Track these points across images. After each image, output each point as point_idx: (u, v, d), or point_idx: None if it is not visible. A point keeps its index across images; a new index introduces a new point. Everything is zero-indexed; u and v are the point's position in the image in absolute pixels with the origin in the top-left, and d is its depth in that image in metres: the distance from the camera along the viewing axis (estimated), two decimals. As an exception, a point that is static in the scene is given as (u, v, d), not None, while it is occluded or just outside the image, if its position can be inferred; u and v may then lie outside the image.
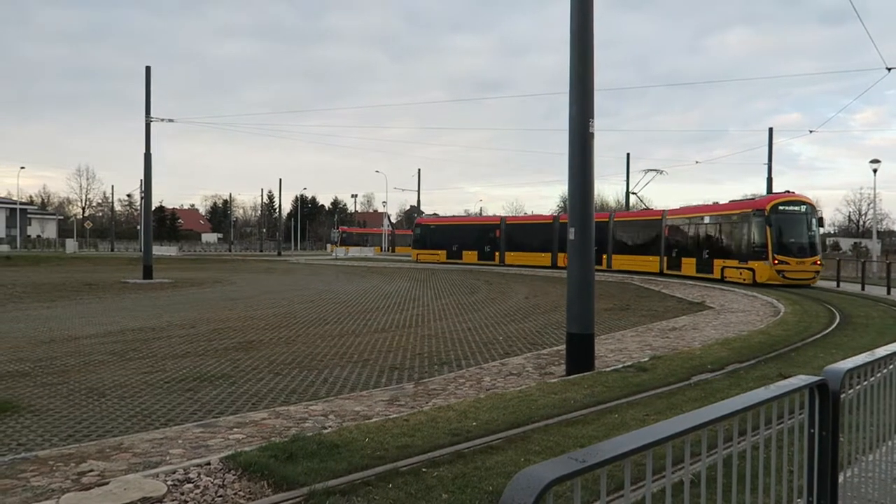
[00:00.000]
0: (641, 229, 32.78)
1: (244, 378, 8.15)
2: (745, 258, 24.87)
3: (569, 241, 8.46)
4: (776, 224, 23.90)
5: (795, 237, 24.15)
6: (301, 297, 19.99)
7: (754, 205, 25.02)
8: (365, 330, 12.74)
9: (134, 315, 14.91)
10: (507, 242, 41.01)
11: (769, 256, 23.77)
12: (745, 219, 25.01)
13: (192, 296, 20.31)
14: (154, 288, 23.13)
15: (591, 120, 8.22)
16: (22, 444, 5.50)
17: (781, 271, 23.63)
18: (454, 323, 13.96)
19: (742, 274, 24.72)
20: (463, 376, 8.10)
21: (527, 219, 44.63)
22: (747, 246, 24.84)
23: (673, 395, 6.53)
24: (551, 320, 14.46)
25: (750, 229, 24.73)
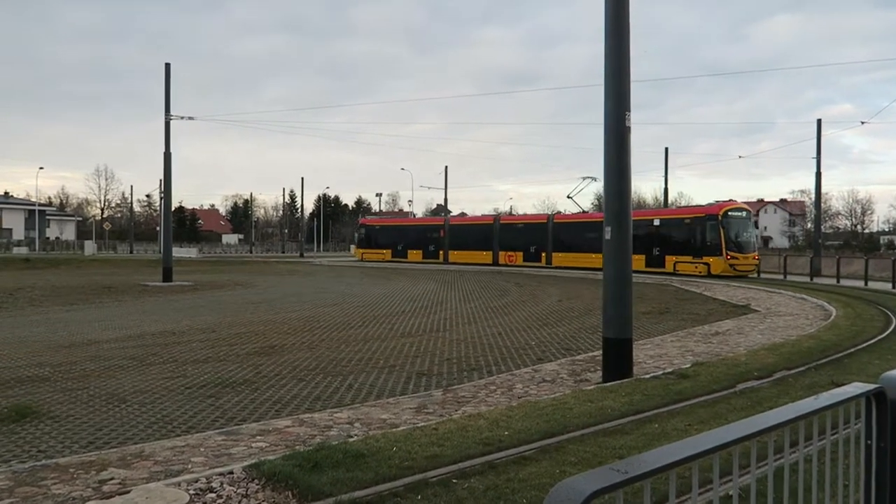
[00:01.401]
0: (585, 230, 37.82)
1: (267, 384, 8.25)
2: (699, 254, 31.74)
3: (604, 241, 8.41)
4: (727, 227, 30.89)
5: (742, 237, 31.36)
6: (324, 300, 20.14)
7: (707, 211, 32.25)
8: (390, 334, 12.79)
9: (154, 319, 15.16)
10: (451, 242, 45.43)
11: (723, 252, 30.69)
12: (699, 222, 31.96)
13: (213, 299, 20.60)
14: (174, 291, 23.51)
15: (627, 113, 8.16)
16: (42, 451, 5.63)
17: (733, 265, 30.53)
18: (484, 327, 13.96)
19: (697, 268, 31.55)
20: (494, 383, 8.09)
21: (470, 220, 50.14)
22: (702, 244, 31.67)
23: (717, 403, 6.44)
24: (586, 324, 14.38)
25: (704, 231, 31.61)
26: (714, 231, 31.35)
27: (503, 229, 43.71)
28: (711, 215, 31.66)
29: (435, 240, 46.68)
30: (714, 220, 31.44)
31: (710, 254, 31.28)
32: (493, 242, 43.48)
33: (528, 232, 42.40)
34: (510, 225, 44.38)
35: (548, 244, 40.41)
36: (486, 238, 43.88)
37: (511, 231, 43.49)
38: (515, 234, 43.10)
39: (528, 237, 41.98)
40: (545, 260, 40.11)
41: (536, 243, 41.35)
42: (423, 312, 16.80)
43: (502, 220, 45.58)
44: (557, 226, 40.40)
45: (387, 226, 51.79)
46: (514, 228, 43.65)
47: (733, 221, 31.45)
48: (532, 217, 47.18)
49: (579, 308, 17.98)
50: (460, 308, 18.00)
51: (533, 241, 41.64)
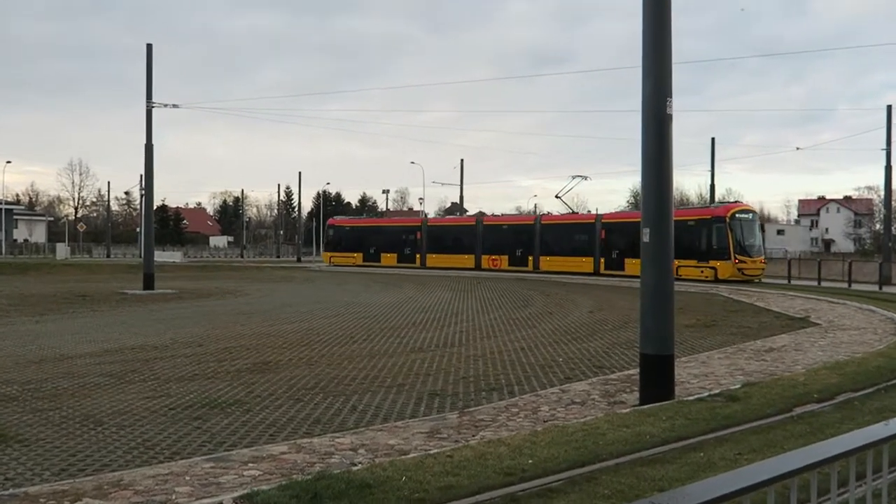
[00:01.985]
0: (575, 232, 41.01)
1: (260, 405, 8.29)
2: (705, 258, 33.81)
3: (642, 245, 8.39)
4: (735, 229, 33.25)
5: (750, 240, 33.86)
6: (325, 310, 20.23)
7: (714, 212, 34.63)
8: (399, 349, 12.83)
9: (134, 331, 15.29)
10: (429, 245, 47.38)
11: (731, 256, 32.97)
12: (705, 224, 34.05)
13: (200, 309, 20.74)
14: (156, 300, 23.69)
15: (668, 99, 8.13)
16: (10, 479, 5.69)
17: (741, 269, 33.00)
18: (505, 341, 13.97)
19: (704, 272, 33.58)
20: (516, 405, 8.08)
21: (450, 221, 53.60)
22: (708, 247, 33.88)
23: (771, 429, 6.41)
24: (621, 339, 14.35)
25: (711, 233, 33.83)
26: (721, 234, 33.53)
27: (486, 231, 45.54)
28: (718, 217, 33.85)
29: (411, 242, 48.55)
30: (721, 223, 33.60)
31: (718, 258, 33.47)
32: (475, 245, 45.45)
33: (513, 234, 44.29)
34: (494, 226, 46.13)
35: (535, 247, 42.39)
36: (467, 240, 45.94)
37: (495, 233, 45.27)
38: (500, 236, 44.91)
39: (514, 240, 43.85)
40: (532, 264, 42.15)
41: (523, 246, 43.25)
42: (436, 325, 16.84)
43: (485, 220, 47.58)
44: (545, 227, 42.45)
45: (358, 226, 53.26)
46: (499, 230, 45.40)
47: (741, 223, 33.71)
48: (517, 218, 49.94)
49: (613, 320, 17.93)
50: (478, 320, 18.02)
51: (519, 244, 43.51)
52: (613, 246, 39.28)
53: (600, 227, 40.24)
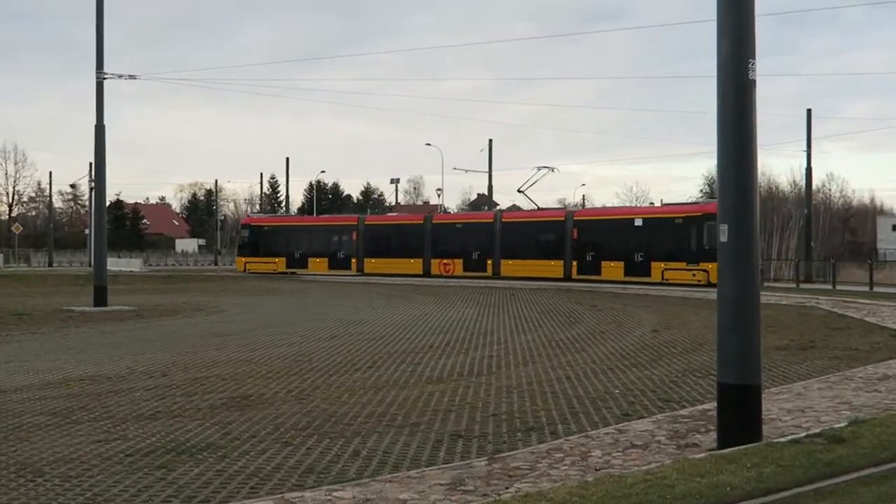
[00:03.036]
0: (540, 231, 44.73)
1: (239, 450, 8.32)
2: (695, 260, 37.34)
3: (719, 246, 8.33)
4: None
5: None
6: (319, 330, 20.29)
7: (704, 209, 38.04)
8: (413, 380, 12.83)
9: (82, 358, 15.40)
10: (368, 247, 50.87)
11: None
12: (695, 222, 37.94)
13: (164, 330, 20.87)
14: (110, 319, 23.87)
15: (750, 61, 8.08)
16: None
17: None
18: (546, 368, 13.93)
19: (696, 276, 37.15)
20: (560, 449, 8.05)
21: (392, 219, 57.14)
22: (698, 248, 37.52)
23: (886, 480, 6.33)
24: (692, 364, 14.27)
25: (702, 232, 37.38)
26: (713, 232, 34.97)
27: (437, 231, 49.05)
28: (709, 214, 36.31)
29: (346, 244, 52.15)
30: (713, 220, 35.98)
31: (710, 259, 35.23)
32: (423, 247, 48.55)
33: (469, 234, 47.70)
34: (446, 225, 50.07)
35: (495, 249, 45.83)
36: (414, 242, 49.05)
37: (447, 233, 48.87)
38: (453, 236, 48.40)
39: (470, 240, 47.17)
40: (492, 269, 45.63)
41: (480, 248, 46.64)
42: (459, 348, 16.83)
43: (435, 218, 51.63)
44: (507, 226, 46.23)
45: (279, 226, 56.43)
46: (452, 230, 49.14)
47: None
48: (474, 215, 54.40)
49: (683, 341, 17.83)
50: (511, 341, 18.00)
51: (476, 246, 46.82)
52: (587, 247, 42.68)
53: (572, 225, 43.41)
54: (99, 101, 28.70)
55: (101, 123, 28.79)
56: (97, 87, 28.66)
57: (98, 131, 28.86)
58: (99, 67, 28.57)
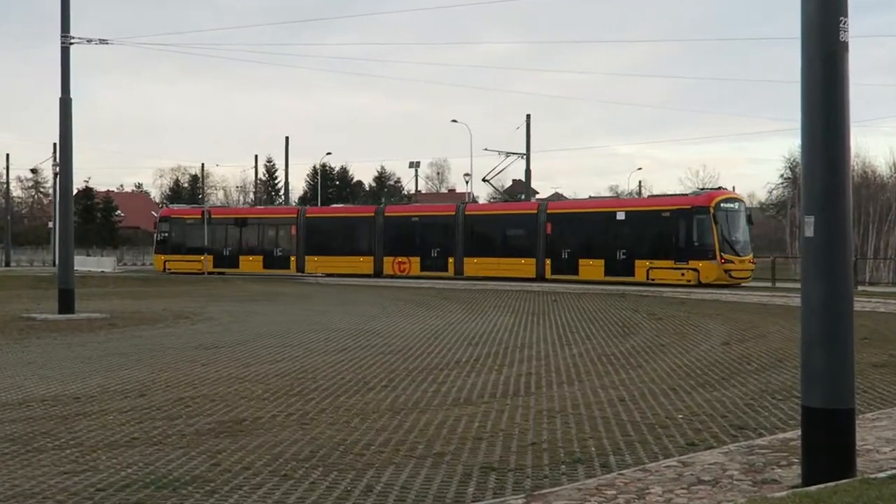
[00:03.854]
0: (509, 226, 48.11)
1: (230, 484, 8.37)
2: (683, 257, 40.79)
3: (804, 242, 8.27)
4: (720, 222, 40.15)
5: (737, 235, 41.17)
6: (325, 342, 20.36)
7: (694, 201, 41.61)
8: (436, 401, 12.84)
9: (45, 374, 15.51)
10: (309, 243, 53.85)
11: (716, 255, 39.79)
12: (684, 216, 41.01)
13: (142, 342, 20.96)
14: (78, 328, 24.01)
15: (842, 20, 8.01)
16: None
17: (728, 270, 40.07)
18: (594, 388, 13.92)
19: (685, 275, 40.59)
20: (613, 485, 8.04)
21: (337, 211, 60.00)
22: (687, 244, 40.91)
23: None
24: (771, 384, 14.17)
25: (691, 227, 40.77)
26: (704, 227, 40.40)
27: (390, 225, 51.85)
28: (700, 207, 40.59)
29: (283, 240, 55.41)
30: (704, 214, 40.31)
31: (699, 257, 40.39)
32: (373, 243, 51.69)
33: (427, 229, 50.79)
34: (401, 219, 52.78)
35: (457, 245, 48.86)
36: (363, 237, 52.45)
37: (402, 227, 51.74)
38: (408, 231, 51.40)
39: (428, 236, 50.36)
40: (453, 268, 48.59)
41: (440, 245, 49.76)
42: (492, 363, 16.83)
43: (388, 211, 54.80)
44: (472, 220, 49.27)
45: (206, 219, 58.57)
46: (407, 224, 51.95)
47: (727, 215, 40.91)
48: (433, 208, 57.50)
49: (760, 355, 17.73)
50: (554, 356, 17.98)
51: (435, 242, 49.93)
52: (563, 244, 45.64)
53: (545, 219, 46.32)
54: (64, 69, 28.70)
55: (66, 96, 28.80)
56: (62, 54, 28.68)
57: (63, 105, 28.83)
58: (64, 30, 28.59)
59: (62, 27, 28.52)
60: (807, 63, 8.14)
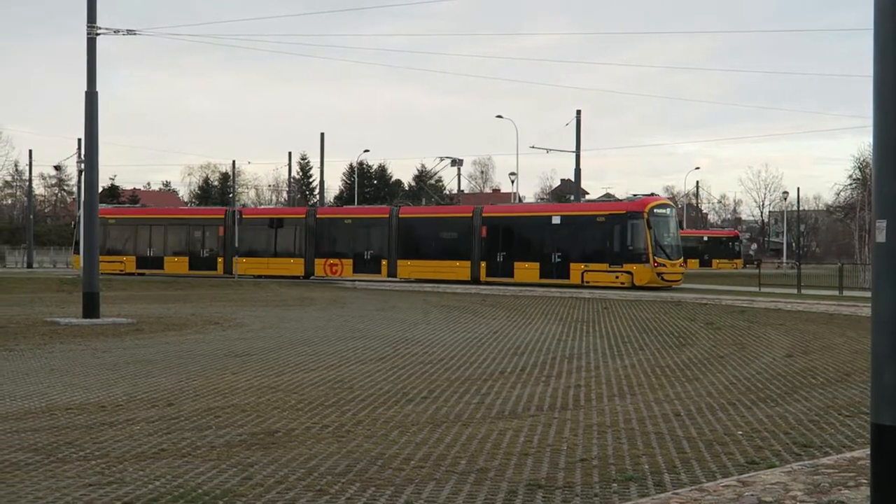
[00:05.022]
0: (442, 229, 51.96)
1: (262, 499, 8.42)
2: (618, 261, 44.94)
3: (874, 248, 8.19)
4: (654, 227, 44.48)
5: (669, 239, 46.08)
6: (362, 350, 20.44)
7: (629, 207, 46.00)
8: (480, 414, 12.85)
9: (69, 382, 15.65)
10: (239, 245, 56.51)
11: (649, 259, 44.06)
12: (618, 221, 45.37)
13: (169, 348, 21.12)
14: (103, 333, 24.23)
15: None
16: None
17: (661, 273, 44.56)
18: (648, 402, 13.88)
19: (619, 278, 44.63)
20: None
21: (267, 213, 65.87)
22: (622, 248, 45.28)
23: None
24: (838, 399, 14.07)
25: (625, 231, 45.20)
26: (638, 232, 44.81)
27: (321, 227, 55.60)
28: (635, 212, 44.99)
29: (211, 241, 58.92)
30: (639, 219, 44.67)
31: (633, 260, 44.74)
32: (305, 245, 55.26)
33: (359, 231, 54.43)
34: (333, 221, 56.56)
35: (390, 248, 52.62)
36: (293, 239, 55.77)
37: (333, 229, 55.55)
38: (340, 233, 55.20)
39: (361, 238, 54.04)
40: (386, 270, 52.39)
41: (373, 247, 53.49)
42: (538, 374, 16.83)
43: (319, 213, 59.16)
44: (405, 223, 52.87)
45: (129, 219, 62.72)
46: (339, 226, 55.71)
47: (660, 220, 45.47)
48: (366, 210, 62.24)
49: (826, 369, 17.60)
50: (604, 367, 17.96)
51: (368, 244, 53.64)
52: (498, 247, 49.41)
53: (480, 222, 50.00)
54: (91, 62, 28.92)
55: (92, 90, 29.02)
56: (88, 45, 28.89)
57: (89, 99, 29.07)
58: (90, 20, 28.79)
59: (88, 17, 28.67)
60: (879, 53, 8.05)
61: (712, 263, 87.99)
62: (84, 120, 29.37)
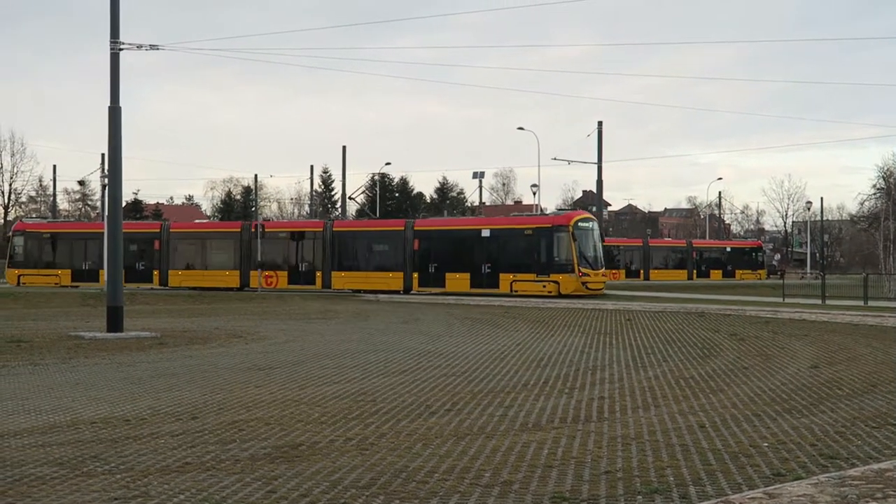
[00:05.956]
0: (375, 241, 55.89)
1: (287, 512, 8.40)
2: (545, 271, 49.04)
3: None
4: (579, 239, 48.63)
5: (592, 251, 50.15)
6: (385, 363, 20.44)
7: (555, 221, 50.63)
8: (503, 426, 12.83)
9: (94, 396, 15.72)
10: (174, 258, 60.25)
11: (575, 269, 48.21)
12: (545, 234, 49.61)
13: (193, 362, 21.17)
14: (127, 347, 24.32)
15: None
16: None
17: (585, 282, 48.75)
18: (673, 413, 13.85)
19: (546, 287, 48.49)
20: (693, 518, 7.98)
21: (202, 227, 68.72)
22: (549, 260, 49.48)
23: None
24: (865, 410, 13.99)
25: (552, 244, 49.32)
26: (564, 244, 48.83)
27: (257, 240, 57.93)
28: (560, 226, 49.32)
29: (146, 254, 60.88)
30: (564, 232, 48.89)
31: (560, 270, 48.86)
32: (240, 258, 58.41)
33: (294, 244, 57.79)
34: (267, 234, 58.77)
35: (325, 260, 56.04)
36: (229, 252, 58.86)
37: (269, 243, 57.97)
38: (276, 246, 58.16)
39: (296, 251, 57.65)
40: (321, 281, 55.81)
41: (307, 259, 57.27)
42: (561, 386, 16.81)
43: (253, 226, 61.01)
44: (339, 236, 56.40)
45: (62, 233, 64.91)
46: (274, 239, 58.67)
47: (584, 233, 49.67)
48: (301, 224, 68.32)
49: (852, 380, 17.50)
50: (628, 378, 17.92)
51: (303, 257, 57.47)
52: (430, 258, 53.14)
53: (413, 236, 53.67)
54: (114, 77, 29.02)
55: (115, 105, 29.12)
56: (111, 61, 29.00)
57: (112, 114, 29.16)
58: (114, 36, 28.90)
59: (111, 33, 28.79)
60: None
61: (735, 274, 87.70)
62: (107, 135, 29.45)
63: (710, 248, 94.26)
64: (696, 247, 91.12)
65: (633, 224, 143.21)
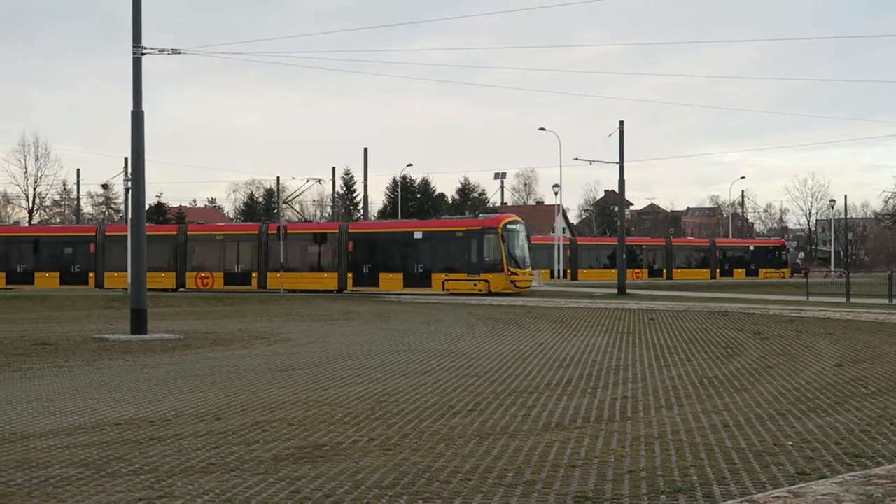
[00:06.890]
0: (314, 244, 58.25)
1: (310, 513, 8.41)
2: (476, 271, 51.86)
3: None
4: (507, 240, 51.46)
5: (520, 251, 53.09)
6: (407, 363, 20.47)
7: (484, 223, 53.43)
8: (526, 426, 12.83)
9: (118, 397, 15.80)
10: (109, 260, 61.17)
11: (504, 268, 51.00)
12: (476, 235, 52.49)
13: (216, 363, 21.24)
14: (151, 349, 24.45)
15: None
16: None
17: (514, 281, 51.40)
18: (696, 413, 13.81)
19: (477, 286, 51.34)
20: (717, 517, 7.95)
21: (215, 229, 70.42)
22: (479, 260, 52.21)
23: None
24: (889, 409, 13.94)
25: (482, 245, 52.13)
26: (494, 245, 51.75)
27: (193, 243, 61.01)
28: (490, 228, 52.31)
29: (82, 257, 62.52)
30: (494, 233, 51.85)
31: (490, 270, 51.63)
32: (176, 260, 60.23)
33: (230, 246, 60.42)
34: (204, 237, 62.37)
35: (259, 261, 58.51)
36: (165, 254, 59.93)
37: (205, 245, 61.08)
38: (212, 248, 60.69)
39: (232, 253, 60.16)
40: (257, 282, 58.46)
41: (242, 261, 59.76)
42: (584, 386, 16.79)
43: (190, 230, 64.58)
44: (273, 238, 57.76)
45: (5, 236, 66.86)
46: (210, 242, 61.38)
47: (512, 234, 52.37)
48: (235, 227, 71.18)
49: (877, 378, 17.44)
50: (651, 378, 17.88)
51: (239, 259, 59.82)
52: (364, 259, 56.05)
53: (347, 238, 56.43)
54: (136, 81, 29.14)
55: (138, 109, 29.25)
56: (134, 65, 29.13)
57: (135, 118, 29.29)
58: (136, 40, 29.01)
59: (133, 37, 28.91)
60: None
61: (759, 273, 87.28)
62: (130, 139, 29.58)
63: (733, 247, 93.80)
64: (720, 246, 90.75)
65: (656, 223, 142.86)
